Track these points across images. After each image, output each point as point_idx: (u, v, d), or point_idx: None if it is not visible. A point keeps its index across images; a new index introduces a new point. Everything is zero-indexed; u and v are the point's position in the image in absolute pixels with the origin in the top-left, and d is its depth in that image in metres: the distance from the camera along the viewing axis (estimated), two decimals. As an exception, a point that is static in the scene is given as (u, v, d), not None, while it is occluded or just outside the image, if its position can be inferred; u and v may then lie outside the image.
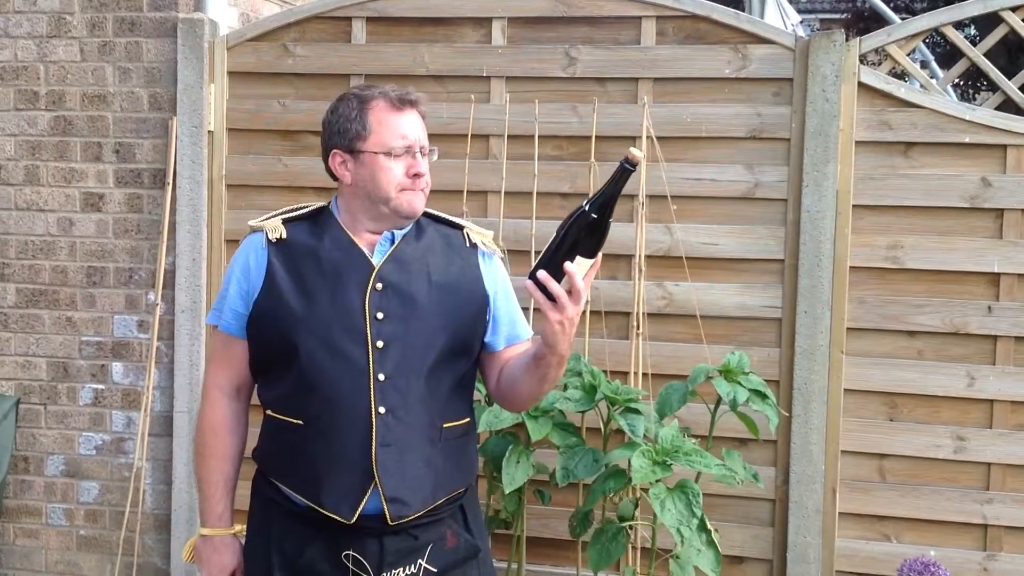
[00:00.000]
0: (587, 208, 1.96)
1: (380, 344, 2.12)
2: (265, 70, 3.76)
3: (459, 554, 2.21)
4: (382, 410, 2.11)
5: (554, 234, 2.00)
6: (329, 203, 2.28)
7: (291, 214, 2.26)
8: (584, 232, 1.96)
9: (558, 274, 1.97)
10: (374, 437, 2.10)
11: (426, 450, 2.15)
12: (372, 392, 2.11)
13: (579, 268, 1.96)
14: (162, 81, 3.81)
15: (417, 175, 2.17)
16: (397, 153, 2.15)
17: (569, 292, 1.97)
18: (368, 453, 2.10)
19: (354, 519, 2.11)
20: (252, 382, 2.30)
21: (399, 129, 2.16)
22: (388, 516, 2.10)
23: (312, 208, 2.27)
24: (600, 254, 1.99)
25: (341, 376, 2.11)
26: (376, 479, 2.10)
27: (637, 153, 1.95)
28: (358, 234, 2.21)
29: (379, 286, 2.15)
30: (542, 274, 1.97)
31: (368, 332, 2.12)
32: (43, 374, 3.96)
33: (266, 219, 2.25)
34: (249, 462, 2.31)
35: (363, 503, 2.11)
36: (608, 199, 1.96)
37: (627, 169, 1.95)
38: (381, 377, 2.11)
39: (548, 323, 2.01)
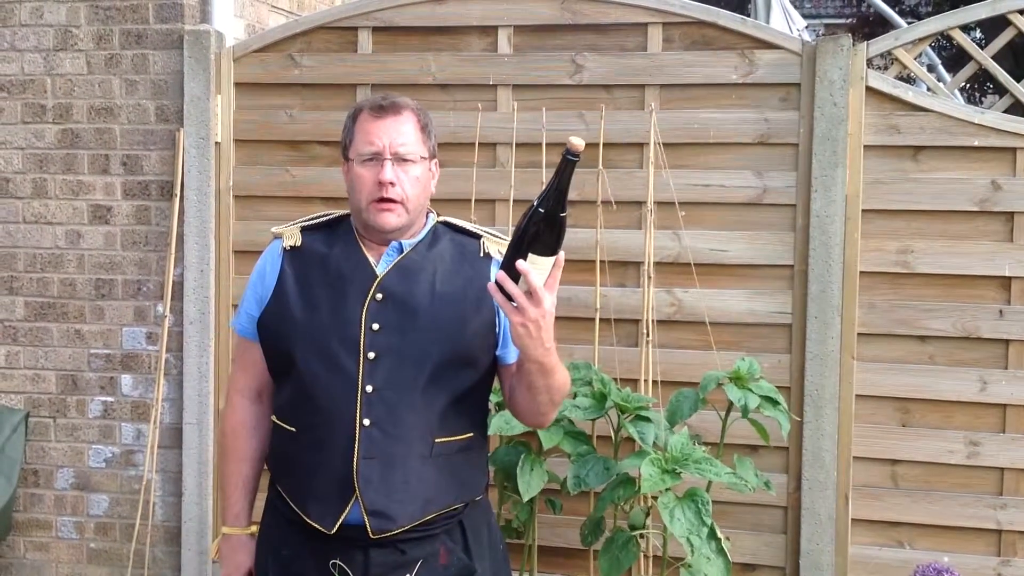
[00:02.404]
0: (536, 204, 1.89)
1: (371, 355, 2.09)
2: (271, 81, 3.76)
3: (450, 572, 2.14)
4: (367, 422, 2.08)
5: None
6: (350, 212, 2.27)
7: (311, 222, 2.26)
8: (536, 229, 1.88)
9: (516, 274, 1.89)
10: (356, 449, 2.07)
11: (415, 465, 2.10)
12: (359, 404, 2.08)
13: (535, 267, 1.88)
14: (169, 93, 3.82)
15: (380, 183, 2.10)
16: (363, 159, 2.12)
17: (530, 294, 1.90)
18: (350, 465, 2.07)
19: (334, 530, 2.08)
20: (272, 385, 2.29)
21: (369, 135, 2.13)
22: (369, 529, 2.07)
23: (333, 216, 2.27)
24: (562, 252, 1.92)
25: (333, 386, 2.10)
26: (356, 491, 2.07)
27: (577, 142, 1.86)
28: (369, 243, 2.19)
29: (379, 296, 2.12)
30: (500, 274, 1.91)
31: (361, 343, 2.10)
32: (52, 387, 3.96)
33: (288, 226, 2.26)
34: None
35: (344, 515, 2.08)
36: (556, 192, 1.88)
37: (570, 160, 1.87)
38: (369, 389, 2.08)
39: (512, 325, 1.94)
